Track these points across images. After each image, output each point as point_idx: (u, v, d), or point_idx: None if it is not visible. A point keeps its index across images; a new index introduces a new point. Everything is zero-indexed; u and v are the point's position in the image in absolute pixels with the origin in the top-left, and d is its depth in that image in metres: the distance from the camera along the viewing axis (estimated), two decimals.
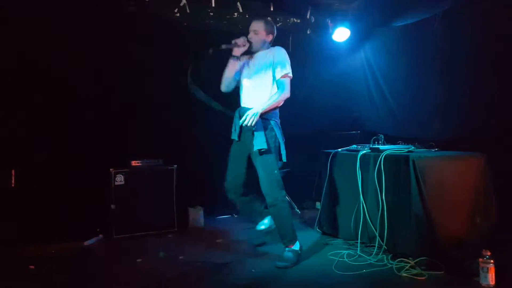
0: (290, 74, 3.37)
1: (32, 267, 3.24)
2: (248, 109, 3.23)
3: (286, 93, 3.35)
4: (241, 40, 3.34)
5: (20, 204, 3.74)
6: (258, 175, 3.32)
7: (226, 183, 3.51)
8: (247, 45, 3.36)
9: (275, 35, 3.52)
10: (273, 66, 3.34)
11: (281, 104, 3.41)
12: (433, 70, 4.24)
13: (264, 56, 3.41)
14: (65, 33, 3.96)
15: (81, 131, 4.10)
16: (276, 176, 3.29)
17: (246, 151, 3.38)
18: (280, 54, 3.37)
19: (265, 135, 3.22)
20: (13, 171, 3.50)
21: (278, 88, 3.35)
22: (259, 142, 3.18)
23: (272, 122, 3.33)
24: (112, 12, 4.25)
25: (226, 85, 3.48)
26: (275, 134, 3.33)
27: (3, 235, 3.63)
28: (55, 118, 3.98)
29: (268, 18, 3.69)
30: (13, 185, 3.53)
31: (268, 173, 3.27)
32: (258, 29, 3.39)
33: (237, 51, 3.35)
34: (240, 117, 3.22)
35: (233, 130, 3.42)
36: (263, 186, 3.29)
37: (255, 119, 3.14)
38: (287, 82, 3.35)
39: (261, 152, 3.22)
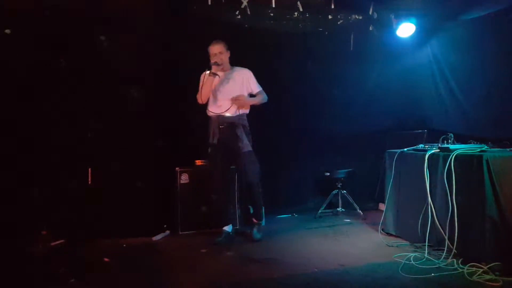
0: (260, 88, 4.08)
1: (107, 259, 3.46)
2: (226, 117, 3.90)
3: (264, 100, 4.07)
4: (219, 59, 3.87)
5: (95, 201, 3.99)
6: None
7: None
8: (221, 64, 3.89)
9: None
10: (246, 83, 4.02)
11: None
12: (507, 64, 3.98)
13: (234, 75, 4.02)
14: (141, 41, 4.19)
15: (149, 133, 4.28)
16: None
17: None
18: (247, 72, 4.06)
19: None
20: (89, 170, 3.73)
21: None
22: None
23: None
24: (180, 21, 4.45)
25: (205, 98, 3.93)
26: None
27: (80, 229, 3.91)
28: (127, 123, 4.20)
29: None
30: (90, 183, 3.75)
31: None
32: (222, 50, 3.92)
33: (216, 69, 3.85)
34: (219, 124, 3.90)
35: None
36: None
37: None
38: (262, 93, 4.08)
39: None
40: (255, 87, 4.05)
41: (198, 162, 4.42)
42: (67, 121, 4.00)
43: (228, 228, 4.04)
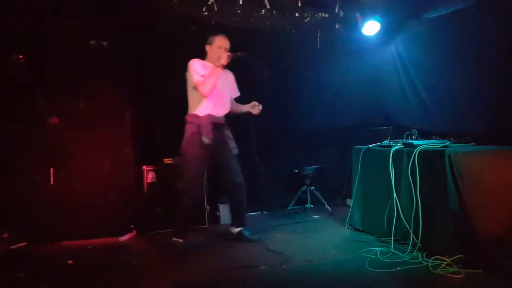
0: None
1: (71, 262, 3.35)
2: (218, 117, 3.77)
3: None
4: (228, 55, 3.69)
5: (59, 202, 3.85)
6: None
7: None
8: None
9: None
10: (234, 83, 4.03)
11: None
12: (468, 62, 4.08)
13: (227, 73, 3.91)
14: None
15: (115, 130, 4.18)
16: None
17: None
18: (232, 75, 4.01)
19: None
20: (51, 170, 3.60)
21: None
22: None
23: None
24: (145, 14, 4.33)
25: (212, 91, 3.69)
26: None
27: (42, 231, 3.77)
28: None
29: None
30: (52, 183, 3.62)
31: None
32: (227, 46, 3.79)
33: (225, 62, 3.67)
34: (211, 124, 3.67)
35: None
36: None
37: None
38: None
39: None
40: (236, 92, 4.05)
41: (166, 160, 4.33)
42: (28, 118, 3.84)
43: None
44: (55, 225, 3.81)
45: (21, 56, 3.66)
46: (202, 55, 3.91)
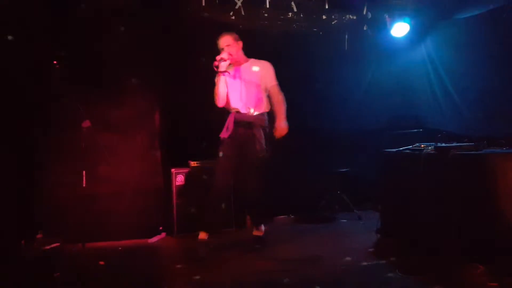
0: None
1: (102, 263, 3.42)
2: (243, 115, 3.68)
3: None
4: (225, 55, 3.57)
5: (90, 204, 3.95)
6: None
7: None
8: (230, 57, 3.62)
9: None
10: (262, 75, 3.72)
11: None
12: (501, 64, 3.98)
13: (249, 66, 3.75)
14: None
15: (144, 133, 4.26)
16: None
17: None
18: (265, 63, 3.77)
19: None
20: (84, 172, 3.69)
21: (273, 96, 3.74)
22: None
23: None
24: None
25: (221, 100, 3.70)
26: None
27: (75, 232, 3.84)
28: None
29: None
30: (84, 185, 3.72)
31: None
32: (230, 42, 3.65)
33: (223, 66, 3.57)
34: (235, 121, 3.64)
35: None
36: None
37: None
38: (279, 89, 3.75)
39: None
40: (270, 82, 3.74)
41: (193, 164, 4.37)
42: (61, 121, 3.96)
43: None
44: (87, 227, 3.87)
45: (55, 62, 3.76)
46: None
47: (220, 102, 3.70)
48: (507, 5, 3.85)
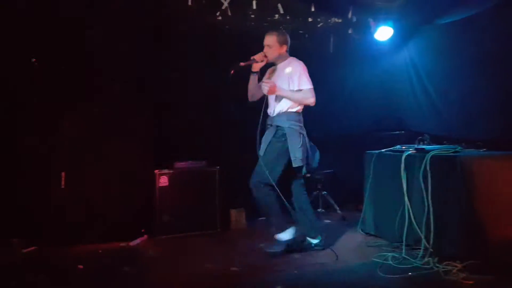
0: (308, 86, 3.57)
1: (81, 266, 3.31)
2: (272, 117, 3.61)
3: (308, 100, 3.61)
4: (259, 56, 3.54)
5: (69, 206, 3.86)
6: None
7: None
8: (265, 59, 3.56)
9: (289, 44, 3.69)
10: (290, 78, 3.55)
11: (300, 109, 3.69)
12: (481, 68, 4.08)
13: (283, 67, 3.63)
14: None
15: (126, 134, 4.20)
16: None
17: None
18: (297, 67, 3.59)
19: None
20: (63, 174, 3.63)
21: None
22: None
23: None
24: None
25: (250, 96, 3.75)
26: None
27: (53, 235, 3.77)
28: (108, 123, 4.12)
29: (281, 28, 4.22)
30: (63, 186, 3.66)
31: None
32: (271, 43, 3.57)
33: (256, 67, 3.56)
34: (264, 124, 3.56)
35: None
36: None
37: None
38: (306, 92, 3.58)
39: None
40: (297, 84, 3.54)
41: (178, 165, 4.32)
42: (39, 122, 3.85)
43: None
44: (66, 230, 3.80)
45: (35, 59, 3.71)
46: (217, 57, 3.97)
47: (249, 98, 3.76)
48: (487, 11, 3.95)
